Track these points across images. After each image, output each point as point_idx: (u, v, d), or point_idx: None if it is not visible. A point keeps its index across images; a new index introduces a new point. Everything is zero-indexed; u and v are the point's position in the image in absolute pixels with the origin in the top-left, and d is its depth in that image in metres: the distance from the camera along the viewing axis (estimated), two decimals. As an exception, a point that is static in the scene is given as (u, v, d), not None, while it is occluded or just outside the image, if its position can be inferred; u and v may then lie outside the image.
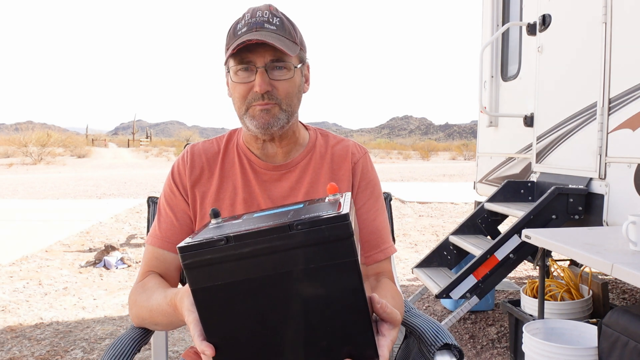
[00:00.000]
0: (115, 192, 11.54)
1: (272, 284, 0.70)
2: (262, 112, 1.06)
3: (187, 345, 2.87)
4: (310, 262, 0.69)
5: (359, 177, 1.19)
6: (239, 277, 0.70)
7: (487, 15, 4.02)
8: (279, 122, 1.08)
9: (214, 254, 0.70)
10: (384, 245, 1.18)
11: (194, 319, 0.75)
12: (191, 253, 0.70)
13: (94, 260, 4.77)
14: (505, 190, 3.14)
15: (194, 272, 0.71)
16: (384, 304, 0.77)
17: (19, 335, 3.05)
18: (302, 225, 0.69)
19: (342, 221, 0.68)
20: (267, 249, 0.69)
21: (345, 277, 0.70)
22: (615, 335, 1.68)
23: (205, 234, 0.73)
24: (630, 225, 1.70)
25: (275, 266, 0.70)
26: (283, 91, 1.07)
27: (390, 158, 35.94)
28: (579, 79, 2.75)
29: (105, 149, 42.41)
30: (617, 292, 3.72)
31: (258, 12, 1.07)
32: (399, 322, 0.80)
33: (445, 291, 2.61)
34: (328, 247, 0.69)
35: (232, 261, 0.70)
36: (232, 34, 1.07)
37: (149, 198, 1.43)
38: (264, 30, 1.04)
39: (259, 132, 1.09)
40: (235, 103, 1.10)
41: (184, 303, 0.80)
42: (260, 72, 1.04)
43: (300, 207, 0.81)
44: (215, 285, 0.71)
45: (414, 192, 11.19)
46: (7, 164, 22.46)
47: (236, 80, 1.07)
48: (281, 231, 0.69)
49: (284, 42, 1.05)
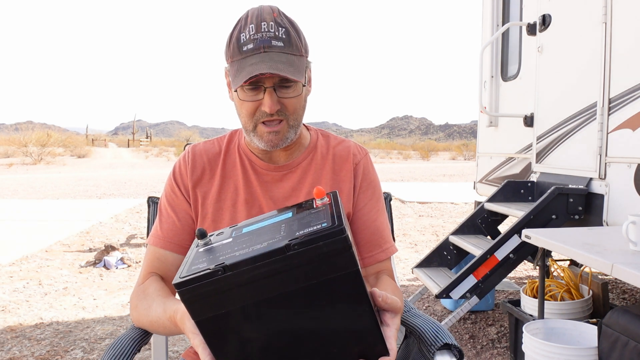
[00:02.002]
0: (115, 192, 11.53)
1: (276, 304, 0.69)
2: (270, 135, 1.06)
3: (187, 345, 2.87)
4: (311, 278, 0.68)
5: (361, 178, 1.19)
6: (240, 304, 0.69)
7: (487, 15, 4.02)
8: (288, 140, 1.09)
9: (212, 285, 0.68)
10: (385, 245, 1.19)
11: (200, 341, 0.74)
12: (189, 288, 0.68)
13: (94, 260, 4.77)
14: (505, 190, 3.14)
15: (195, 305, 0.69)
16: (385, 296, 0.78)
17: (19, 335, 3.05)
18: (298, 245, 0.67)
19: (340, 235, 0.67)
20: (266, 273, 0.68)
21: (348, 287, 0.69)
22: (615, 335, 1.68)
23: (198, 262, 0.71)
24: (630, 225, 1.71)
25: (277, 287, 0.68)
26: (291, 108, 1.06)
27: (390, 158, 35.92)
28: (579, 79, 2.75)
29: (105, 149, 42.40)
30: (617, 292, 3.72)
31: (263, 24, 1.02)
32: (401, 309, 0.81)
33: (445, 291, 2.61)
34: (328, 262, 0.67)
35: (232, 289, 0.68)
36: (237, 48, 1.03)
37: (149, 198, 1.43)
38: (272, 51, 1.01)
39: (267, 149, 1.09)
40: (241, 118, 1.09)
41: (186, 326, 0.79)
42: (269, 92, 1.02)
43: (289, 216, 0.79)
44: (217, 315, 0.69)
45: (414, 192, 11.19)
46: (7, 164, 22.45)
47: (243, 98, 1.05)
48: (278, 254, 0.67)
49: (293, 64, 1.02)
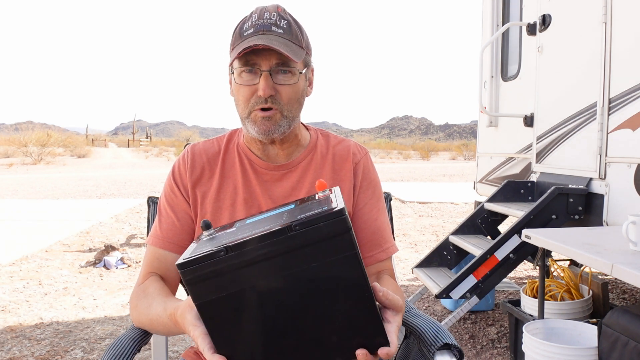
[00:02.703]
0: (115, 192, 11.53)
1: (277, 287, 0.70)
2: (263, 120, 1.07)
3: (187, 345, 2.87)
4: (312, 260, 0.69)
5: (361, 177, 1.19)
6: (242, 286, 0.69)
7: (487, 15, 4.02)
8: (280, 128, 1.08)
9: (215, 266, 0.68)
10: (386, 245, 1.19)
11: (200, 332, 0.74)
12: (191, 268, 0.68)
13: (94, 260, 4.77)
14: (505, 190, 3.14)
15: (196, 287, 0.70)
16: (386, 292, 0.78)
17: (19, 335, 3.05)
18: (300, 225, 0.68)
19: (339, 216, 0.68)
20: (268, 254, 0.68)
21: (348, 271, 0.70)
22: (615, 335, 1.68)
23: (202, 247, 0.72)
24: (630, 225, 1.70)
25: (278, 269, 0.69)
26: (286, 96, 1.07)
27: (390, 158, 35.92)
28: (579, 79, 2.75)
29: (105, 149, 42.41)
30: (617, 292, 3.72)
31: (266, 14, 1.06)
32: (402, 307, 0.81)
33: (445, 291, 2.61)
34: (328, 244, 0.69)
35: (234, 271, 0.69)
36: (238, 35, 1.07)
37: (149, 198, 1.43)
38: (271, 34, 1.04)
39: (260, 137, 1.09)
40: (238, 105, 1.10)
41: (187, 319, 0.79)
42: (265, 76, 1.04)
43: (292, 207, 0.81)
44: (219, 297, 0.70)
45: (414, 192, 11.19)
46: (7, 164, 22.45)
47: (240, 82, 1.07)
48: (280, 234, 0.68)
49: (290, 47, 1.04)
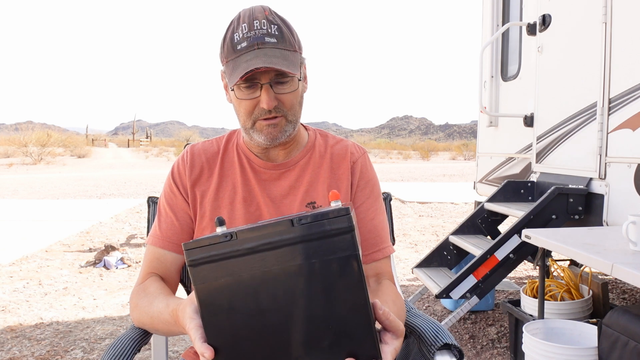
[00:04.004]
0: (115, 192, 11.53)
1: (275, 280, 0.72)
2: (269, 127, 1.07)
3: (187, 345, 2.87)
4: (312, 256, 0.71)
5: (358, 176, 1.20)
6: (242, 274, 0.72)
7: (487, 15, 4.02)
8: (286, 133, 1.09)
9: (218, 250, 0.72)
10: (382, 245, 1.18)
11: (195, 324, 0.76)
12: (196, 250, 0.72)
13: (94, 260, 4.77)
14: (505, 190, 3.14)
15: (199, 269, 0.72)
16: (386, 312, 0.77)
17: (19, 335, 3.05)
18: (304, 219, 0.71)
19: (344, 214, 0.70)
20: (270, 244, 0.71)
21: (346, 271, 0.71)
22: (615, 335, 1.68)
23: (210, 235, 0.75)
24: (630, 225, 1.70)
25: (278, 261, 0.71)
26: (288, 103, 1.07)
27: (390, 158, 35.92)
28: (579, 79, 2.75)
29: (105, 149, 42.42)
30: (617, 292, 3.72)
31: (255, 23, 1.03)
32: (402, 332, 0.79)
33: (445, 291, 2.61)
34: (330, 241, 0.70)
35: (236, 257, 0.72)
36: (230, 47, 1.04)
37: (149, 198, 1.43)
38: (266, 47, 1.02)
39: (267, 143, 1.10)
40: (240, 117, 1.10)
41: (186, 312, 0.80)
42: (266, 89, 1.03)
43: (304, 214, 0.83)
44: (218, 283, 0.72)
45: (414, 192, 11.19)
46: (7, 164, 22.45)
47: (241, 97, 1.06)
48: (284, 226, 0.71)
49: (288, 59, 1.03)
